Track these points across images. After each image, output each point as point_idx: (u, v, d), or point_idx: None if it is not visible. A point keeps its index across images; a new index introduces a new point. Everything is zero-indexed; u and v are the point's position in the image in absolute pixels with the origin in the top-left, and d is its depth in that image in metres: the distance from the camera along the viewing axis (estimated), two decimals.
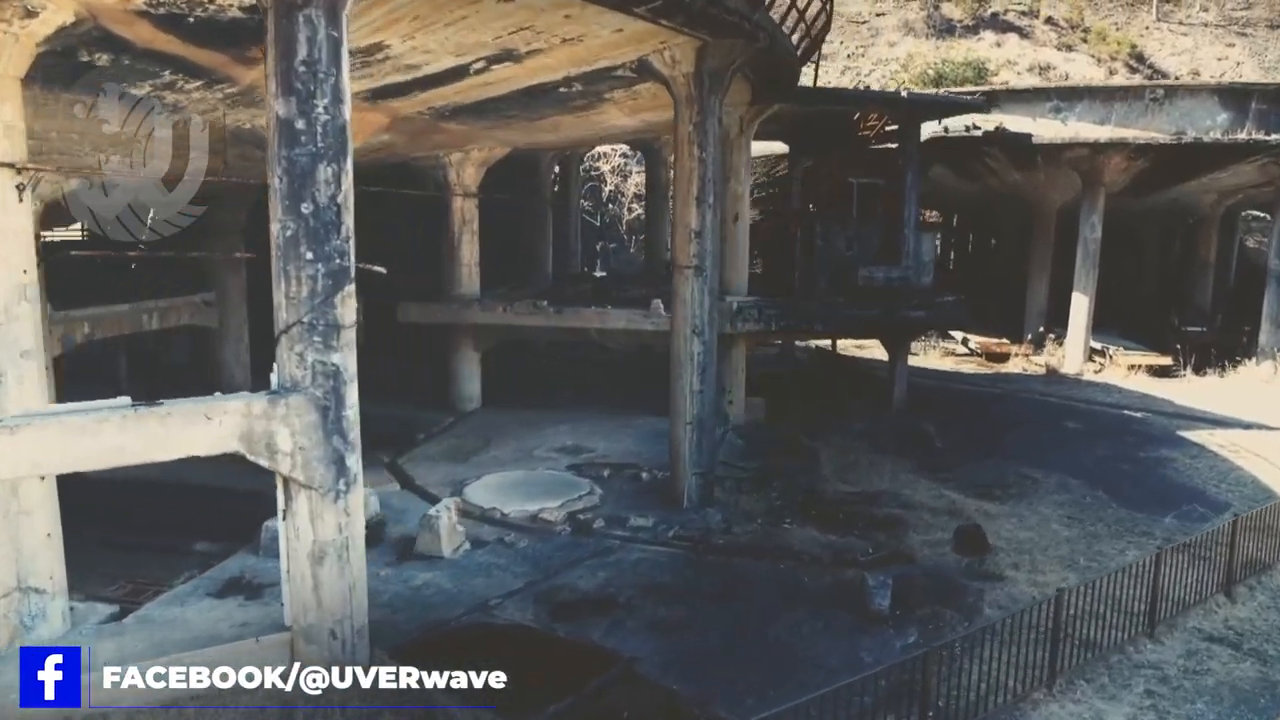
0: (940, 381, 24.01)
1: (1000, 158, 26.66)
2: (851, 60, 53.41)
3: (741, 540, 11.48)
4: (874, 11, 55.72)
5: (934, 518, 12.70)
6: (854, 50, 54.03)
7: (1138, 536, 12.31)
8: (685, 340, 12.10)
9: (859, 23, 55.32)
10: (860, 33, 55.06)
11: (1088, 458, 16.16)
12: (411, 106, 12.54)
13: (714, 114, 11.65)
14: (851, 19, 53.71)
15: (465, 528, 11.72)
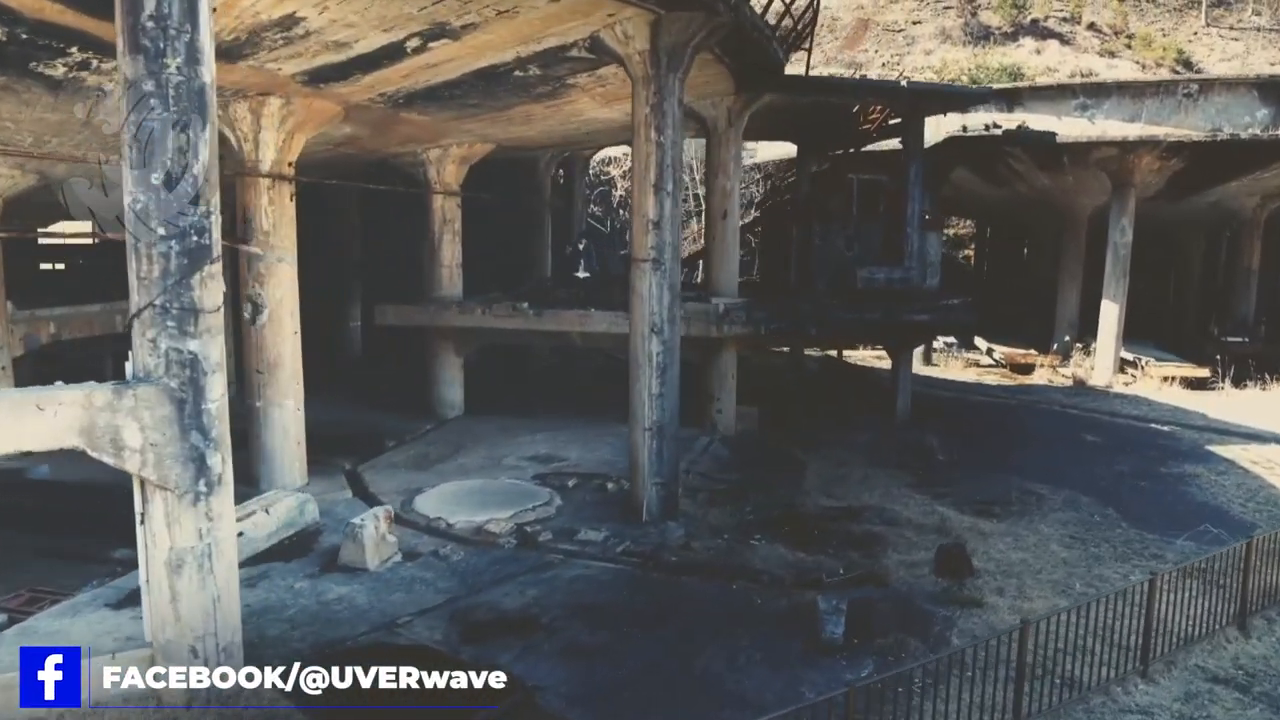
0: (957, 393, 22.77)
1: (1024, 159, 25.37)
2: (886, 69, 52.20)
3: (697, 557, 10.51)
4: (910, 20, 54.53)
5: (919, 536, 11.59)
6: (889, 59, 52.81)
7: (1146, 559, 11.07)
8: (643, 339, 11.21)
9: (895, 31, 54.15)
10: (895, 41, 53.86)
11: (1103, 473, 14.88)
12: (359, 93, 11.89)
13: (673, 95, 10.80)
14: (887, 27, 52.59)
15: (406, 538, 10.97)
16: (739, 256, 16.94)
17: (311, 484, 13.34)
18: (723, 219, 16.30)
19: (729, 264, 16.47)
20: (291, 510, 11.02)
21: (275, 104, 11.64)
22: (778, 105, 17.38)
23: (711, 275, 16.52)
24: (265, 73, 10.47)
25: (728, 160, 16.13)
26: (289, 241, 12.55)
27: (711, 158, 16.27)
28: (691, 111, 15.84)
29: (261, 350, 12.60)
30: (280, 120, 11.87)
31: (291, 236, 12.63)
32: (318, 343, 24.25)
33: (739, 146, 16.24)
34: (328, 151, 15.39)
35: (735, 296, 16.42)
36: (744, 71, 13.77)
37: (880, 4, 52.58)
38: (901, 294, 16.92)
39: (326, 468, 14.20)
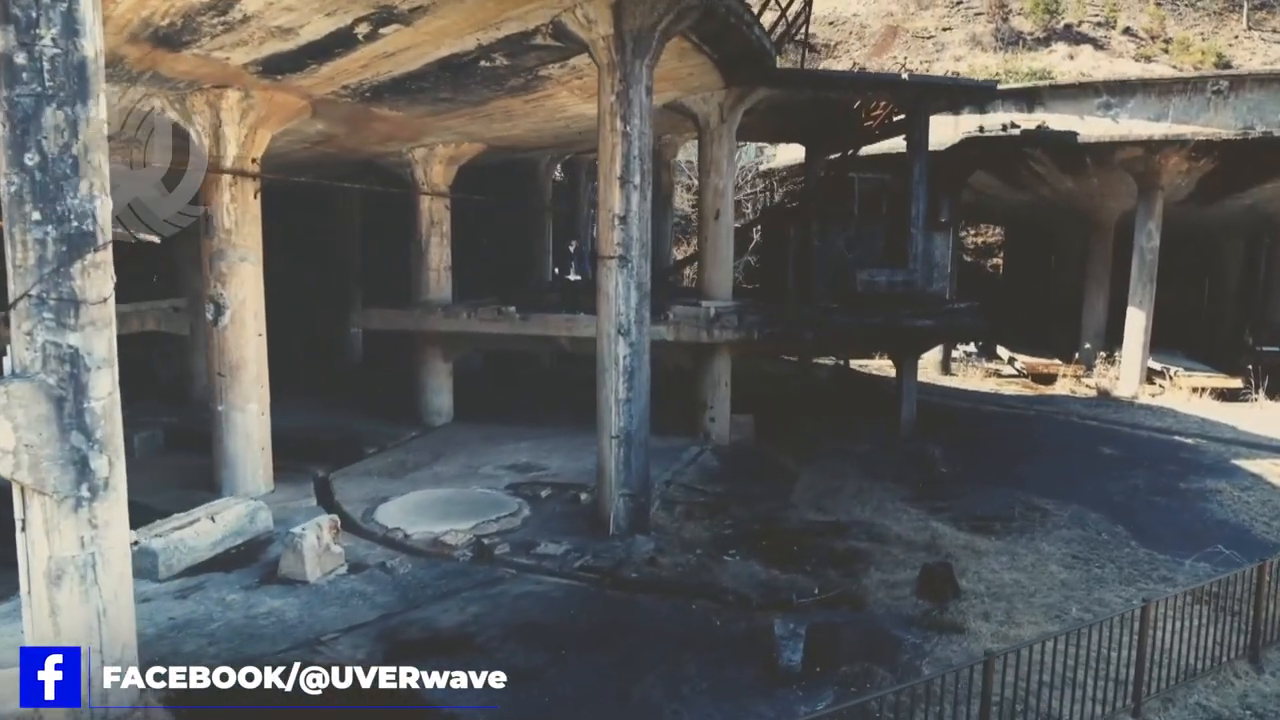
0: (972, 403, 21.83)
1: (1045, 161, 24.40)
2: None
3: (660, 574, 9.84)
4: (940, 26, 53.56)
5: (906, 553, 10.81)
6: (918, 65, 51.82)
7: (1154, 582, 10.19)
8: (609, 341, 10.60)
9: (924, 38, 53.20)
10: (925, 48, 52.87)
11: (1116, 488, 13.94)
12: (320, 85, 11.46)
13: (640, 82, 10.20)
14: (917, 34, 51.67)
15: (358, 549, 10.46)
16: (733, 259, 16.23)
17: (277, 491, 12.90)
18: (715, 219, 15.65)
19: (722, 266, 15.79)
20: (241, 518, 10.55)
21: (234, 97, 11.25)
22: (777, 102, 16.72)
23: (704, 278, 15.87)
24: (215, 62, 10.07)
25: (720, 158, 15.48)
26: (253, 240, 12.15)
27: (703, 155, 15.64)
28: (682, 107, 15.30)
29: (223, 352, 12.20)
30: (241, 114, 11.47)
31: (256, 235, 12.23)
32: (317, 349, 24.15)
33: (732, 144, 15.58)
34: (306, 150, 15.03)
35: (729, 300, 15.74)
36: (730, 63, 13.15)
37: (910, 11, 51.65)
38: (904, 298, 16.13)
39: (298, 475, 13.75)
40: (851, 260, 16.34)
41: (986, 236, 42.16)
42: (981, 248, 42.31)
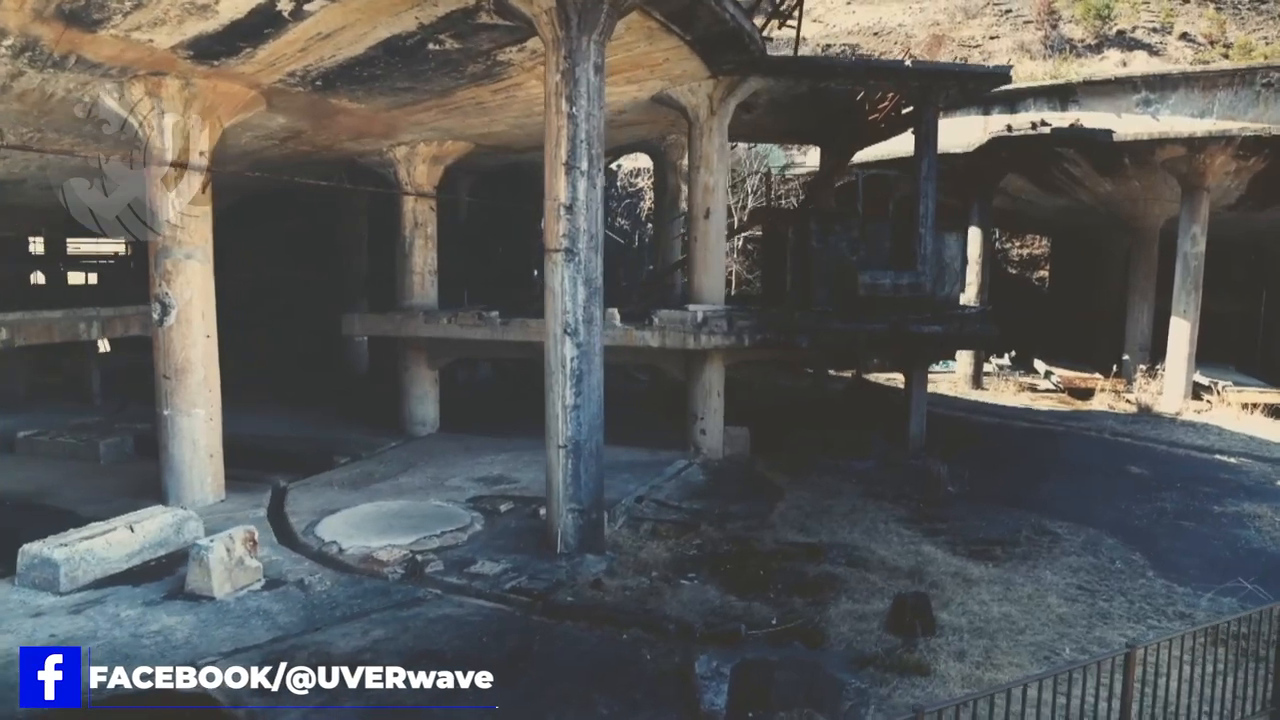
0: (999, 418, 20.47)
1: (1080, 162, 22.95)
2: None
3: (603, 598, 8.88)
4: (987, 35, 52.05)
5: (886, 581, 9.69)
6: None
7: (1168, 619, 8.92)
8: (555, 342, 9.72)
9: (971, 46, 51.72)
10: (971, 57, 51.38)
11: (1140, 511, 12.60)
12: (265, 72, 10.87)
13: (588, 60, 9.36)
14: (963, 43, 50.23)
15: (285, 563, 9.74)
16: (725, 260, 15.26)
17: (228, 500, 12.28)
18: (705, 218, 14.71)
19: (712, 268, 14.84)
20: (165, 529, 9.89)
21: (174, 85, 10.71)
22: (777, 96, 15.76)
23: (693, 281, 14.93)
24: (139, 45, 9.52)
25: (710, 153, 14.56)
26: (199, 237, 11.58)
27: (693, 150, 14.74)
28: (669, 99, 14.45)
29: (169, 354, 11.62)
30: (184, 104, 10.93)
31: (204, 232, 11.66)
32: (321, 356, 23.75)
33: (724, 138, 14.63)
34: (277, 148, 14.53)
35: (720, 304, 14.78)
36: (710, 48, 12.24)
37: (956, 20, 50.26)
38: (911, 302, 14.96)
39: (256, 484, 13.12)
40: (854, 262, 15.23)
41: (1032, 248, 40.53)
42: (1026, 259, 40.66)
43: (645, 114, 15.89)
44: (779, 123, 18.29)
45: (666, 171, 21.02)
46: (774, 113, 17.33)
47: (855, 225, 15.67)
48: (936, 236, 15.32)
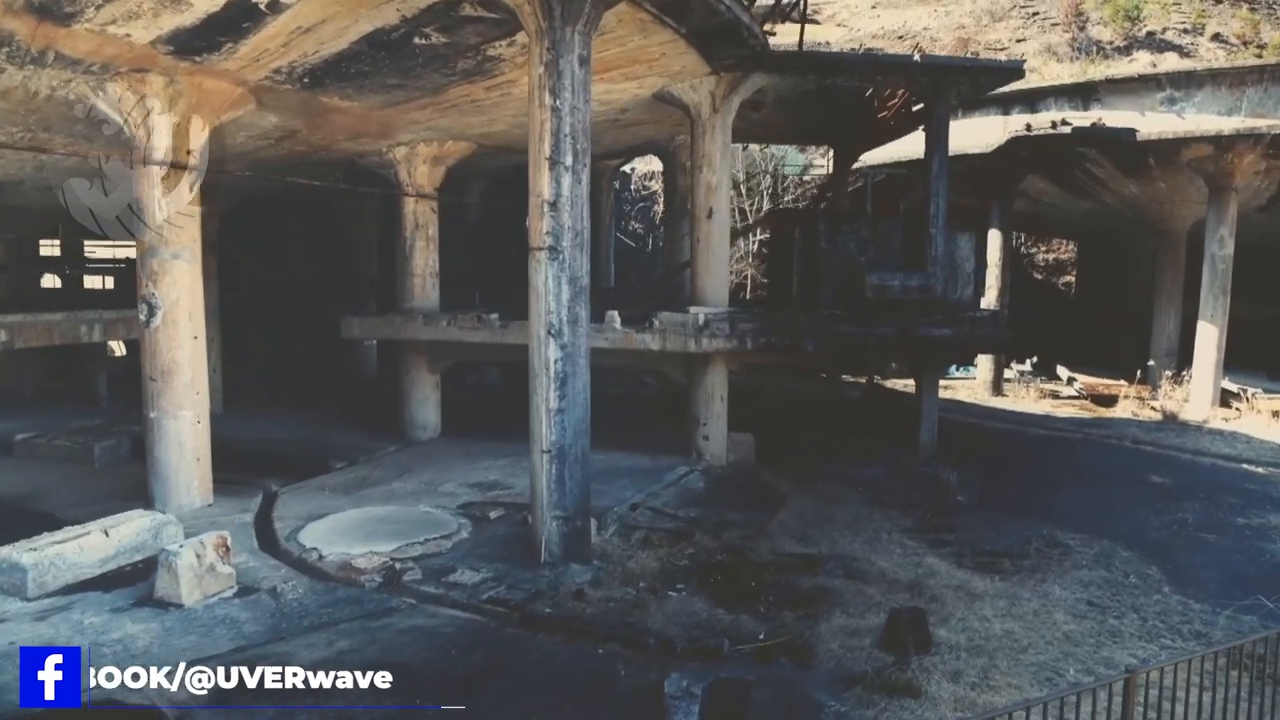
0: (1017, 425, 19.87)
1: (1103, 162, 22.31)
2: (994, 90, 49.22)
3: (584, 610, 8.52)
4: (1014, 38, 51.29)
5: (885, 594, 9.24)
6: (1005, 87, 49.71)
7: (1182, 638, 8.39)
8: (539, 343, 9.40)
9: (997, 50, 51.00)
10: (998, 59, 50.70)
11: (1158, 522, 12.03)
12: (250, 69, 10.67)
13: (572, 52, 9.05)
14: (989, 46, 49.50)
15: (263, 570, 9.52)
16: (730, 262, 14.87)
17: (215, 505, 12.09)
18: (708, 218, 14.34)
19: (715, 270, 14.46)
20: (142, 533, 9.67)
21: (158, 83, 10.55)
22: (784, 94, 15.40)
23: (695, 283, 14.56)
24: (117, 40, 9.35)
25: (713, 151, 14.20)
26: (187, 237, 11.40)
27: (695, 148, 14.39)
28: (670, 97, 14.13)
29: (155, 356, 11.44)
30: (169, 102, 10.76)
31: (192, 232, 11.49)
32: (329, 359, 23.63)
33: (726, 136, 14.26)
34: (273, 148, 14.37)
35: (723, 306, 14.39)
36: (708, 41, 11.90)
37: (982, 24, 49.58)
38: (921, 305, 14.48)
39: (248, 488, 12.94)
40: (863, 263, 14.79)
41: (1058, 253, 39.75)
42: (1052, 264, 39.89)
43: (649, 113, 15.56)
44: (788, 122, 17.89)
45: (676, 172, 20.67)
46: (782, 111, 16.94)
47: (864, 225, 15.24)
48: (948, 237, 14.85)
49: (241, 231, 24.37)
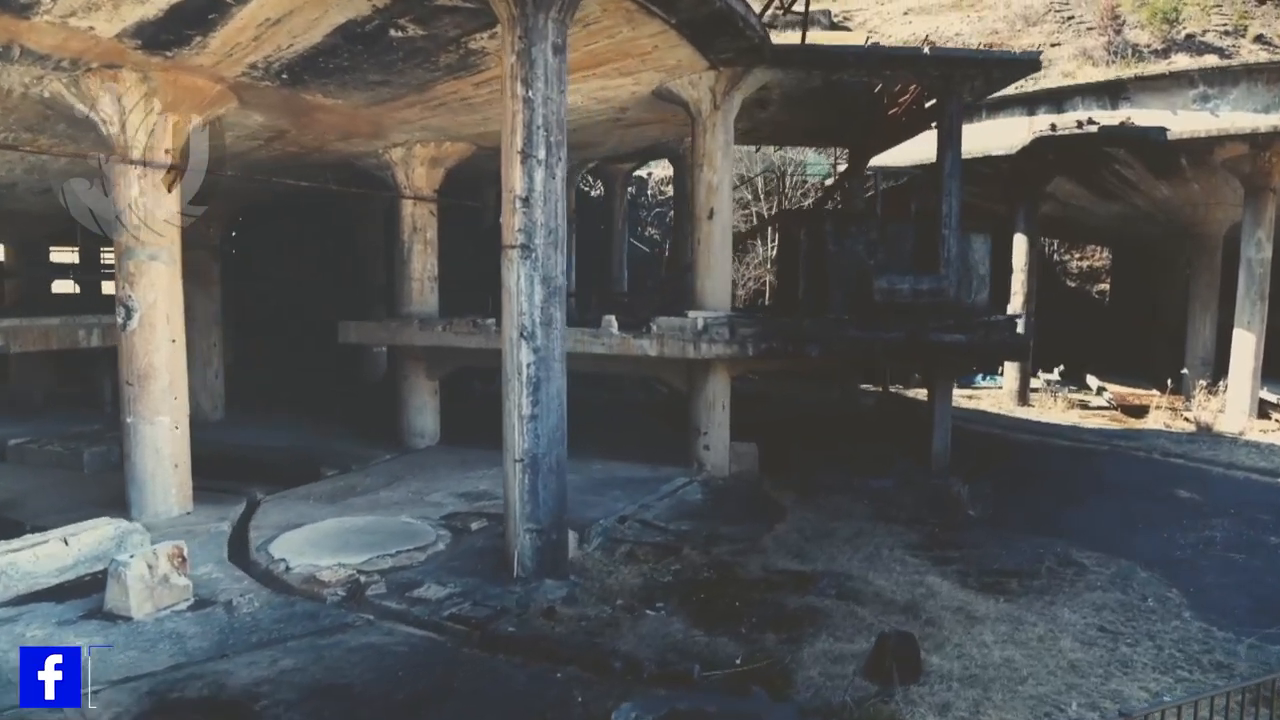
0: (1040, 436, 19.09)
1: (1133, 163, 21.48)
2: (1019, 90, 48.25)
3: (553, 630, 8.01)
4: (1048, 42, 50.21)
5: (878, 616, 8.63)
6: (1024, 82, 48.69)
7: (1202, 670, 7.67)
8: (512, 346, 8.94)
9: None
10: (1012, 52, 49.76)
11: (1183, 540, 11.26)
12: (225, 65, 10.38)
13: (545, 39, 8.61)
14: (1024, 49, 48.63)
15: (225, 581, 9.14)
16: (733, 265, 14.34)
17: (195, 513, 11.76)
18: (709, 219, 13.83)
19: (717, 272, 13.93)
20: (105, 542, 9.34)
21: (131, 79, 10.29)
22: (790, 91, 14.88)
23: (696, 286, 14.03)
24: (81, 34, 9.09)
25: (714, 150, 13.69)
26: (166, 238, 11.12)
27: (695, 147, 13.90)
28: (669, 94, 13.65)
29: (131, 360, 11.17)
30: (144, 99, 10.51)
31: (171, 234, 11.20)
32: (338, 365, 23.42)
33: (728, 134, 13.74)
34: (263, 149, 14.12)
35: (724, 310, 13.85)
36: (701, 33, 11.40)
37: (1016, 29, 48.63)
38: (933, 309, 13.83)
39: (232, 496, 12.62)
40: (872, 266, 14.18)
41: (1092, 260, 38.63)
42: (1086, 272, 38.75)
43: (651, 112, 15.10)
44: (798, 121, 17.33)
45: (685, 175, 20.17)
46: (791, 110, 16.40)
47: (874, 227, 14.63)
48: (962, 238, 14.19)
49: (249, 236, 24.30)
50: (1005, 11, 50.51)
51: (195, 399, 18.30)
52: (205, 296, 18.57)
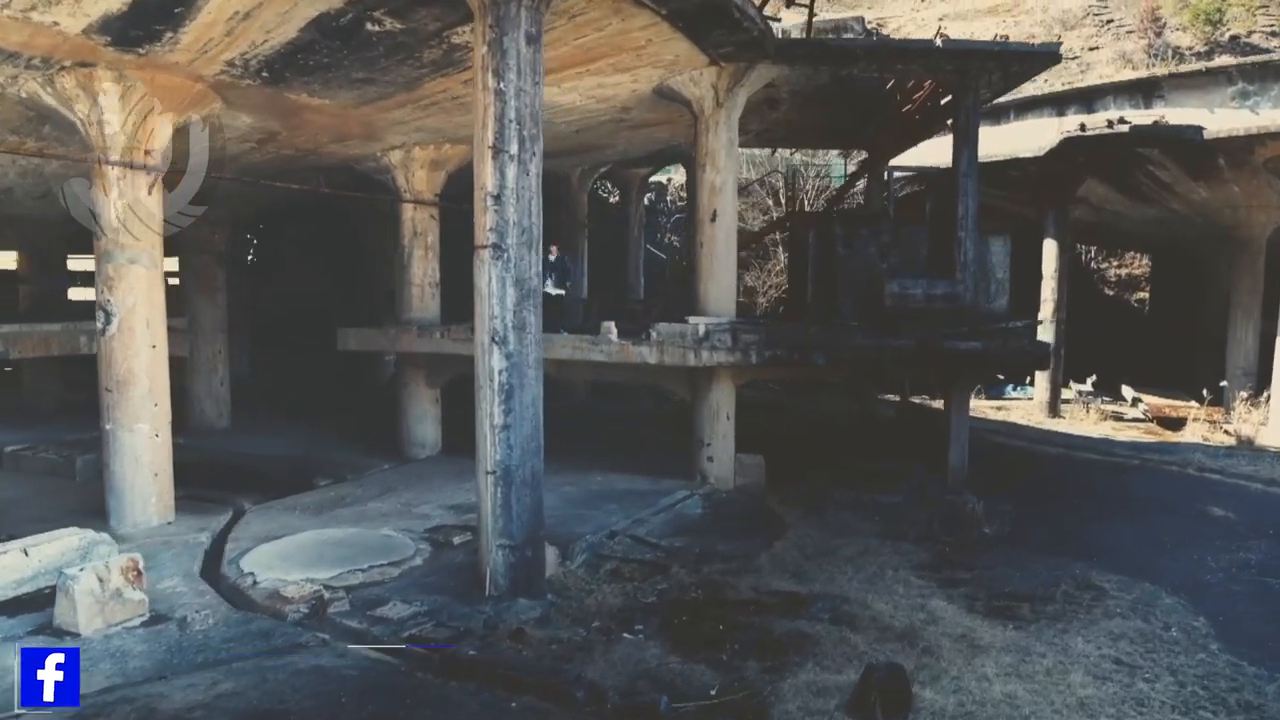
0: (1068, 449, 18.19)
1: (1168, 164, 20.50)
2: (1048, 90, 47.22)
3: (519, 654, 7.50)
4: (1086, 46, 49.05)
5: (872, 644, 8.01)
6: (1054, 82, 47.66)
7: (1228, 711, 6.94)
8: (483, 351, 8.48)
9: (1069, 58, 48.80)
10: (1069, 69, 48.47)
11: (1214, 563, 10.46)
12: (201, 62, 10.09)
13: (518, 28, 8.17)
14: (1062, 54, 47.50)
15: (187, 596, 8.79)
16: (736, 268, 13.77)
17: (176, 523, 11.46)
18: (711, 221, 13.29)
19: (720, 277, 13.38)
20: (69, 553, 9.01)
21: (106, 77, 10.05)
22: (800, 88, 14.33)
23: (698, 291, 13.50)
24: (46, 29, 8.84)
25: (717, 149, 13.17)
26: (146, 241, 10.86)
27: (698, 147, 13.38)
28: (671, 92, 13.17)
29: (110, 365, 10.92)
30: (121, 98, 10.26)
31: (151, 237, 10.94)
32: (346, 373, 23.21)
33: (732, 133, 13.20)
34: (255, 151, 13.87)
35: (728, 316, 13.30)
36: (697, 26, 10.91)
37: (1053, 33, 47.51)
38: (948, 315, 13.15)
39: (217, 506, 12.34)
40: (884, 270, 13.54)
41: (1131, 267, 37.39)
42: (1125, 280, 37.51)
43: (656, 112, 14.62)
44: (810, 121, 16.74)
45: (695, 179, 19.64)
46: (803, 110, 15.84)
47: (886, 229, 13.99)
48: (979, 241, 13.50)
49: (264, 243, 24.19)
50: (1042, 16, 49.40)
51: (200, 407, 18.33)
52: (210, 303, 18.44)
